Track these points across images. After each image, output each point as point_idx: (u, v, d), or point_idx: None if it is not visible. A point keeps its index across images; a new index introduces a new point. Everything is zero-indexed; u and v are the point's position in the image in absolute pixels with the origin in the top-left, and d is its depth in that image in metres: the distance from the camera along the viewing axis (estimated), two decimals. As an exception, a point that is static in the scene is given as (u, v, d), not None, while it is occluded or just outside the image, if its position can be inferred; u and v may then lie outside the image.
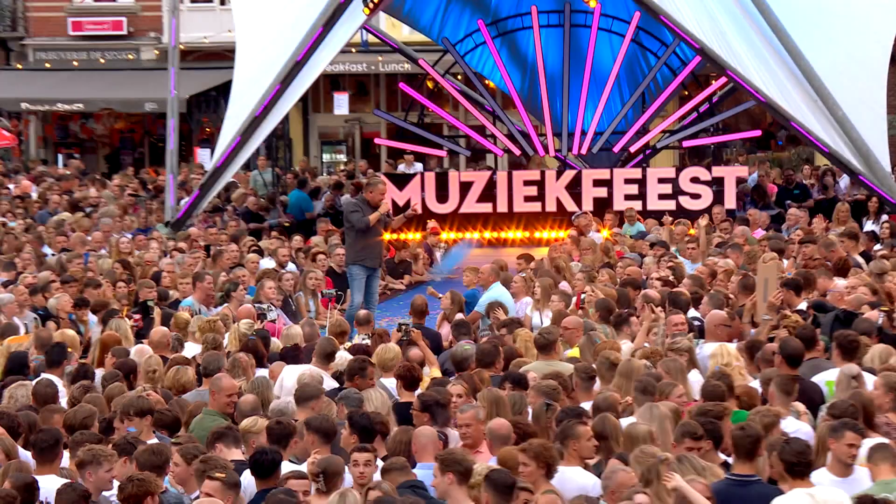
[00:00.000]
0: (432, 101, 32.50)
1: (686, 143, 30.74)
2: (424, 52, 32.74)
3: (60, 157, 45.15)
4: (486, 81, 32.96)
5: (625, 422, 11.54)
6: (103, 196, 31.54)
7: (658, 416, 11.34)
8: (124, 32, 44.36)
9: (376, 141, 37.48)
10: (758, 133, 32.90)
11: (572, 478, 10.64)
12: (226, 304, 18.84)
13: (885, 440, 10.66)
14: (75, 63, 44.96)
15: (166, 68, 31.89)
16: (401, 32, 35.44)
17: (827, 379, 13.03)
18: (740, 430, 10.21)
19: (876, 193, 26.30)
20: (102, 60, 44.70)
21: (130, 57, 44.12)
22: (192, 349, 15.83)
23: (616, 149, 29.61)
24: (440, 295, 19.73)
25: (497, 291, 18.87)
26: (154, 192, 32.82)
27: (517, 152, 30.83)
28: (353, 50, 38.14)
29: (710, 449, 10.79)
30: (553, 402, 12.12)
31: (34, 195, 32.86)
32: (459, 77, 32.18)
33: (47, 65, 45.42)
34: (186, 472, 10.51)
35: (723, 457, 10.98)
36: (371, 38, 34.87)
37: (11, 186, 34.80)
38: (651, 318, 15.65)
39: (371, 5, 25.26)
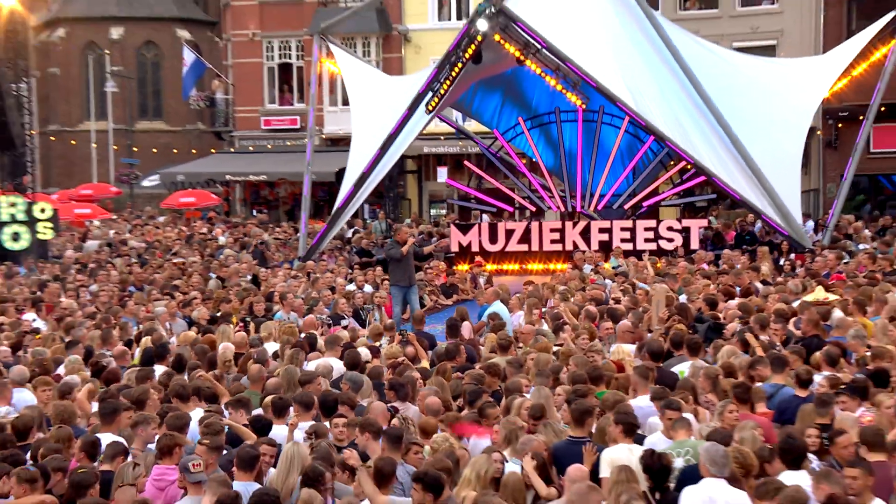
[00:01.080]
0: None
1: (665, 203, 30.45)
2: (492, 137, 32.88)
3: (254, 212, 46.14)
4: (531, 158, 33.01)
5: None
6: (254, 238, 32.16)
7: (544, 395, 11.36)
8: (297, 126, 45.12)
9: (448, 200, 37.69)
10: (713, 196, 32.35)
11: (487, 444, 10.58)
12: (310, 315, 19.05)
13: (688, 416, 10.58)
14: (251, 148, 46.18)
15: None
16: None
17: (680, 369, 12.98)
18: (574, 405, 10.20)
19: (781, 234, 26.02)
20: (270, 146, 45.70)
21: (291, 144, 44.92)
22: (270, 347, 15.86)
23: (615, 206, 29.48)
24: None
25: (495, 308, 18.77)
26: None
27: (545, 209, 30.91)
28: (442, 137, 38.64)
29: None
30: (478, 385, 12.24)
31: (221, 239, 33.61)
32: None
33: (231, 149, 46.84)
34: (202, 431, 10.71)
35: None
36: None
37: (213, 232, 35.75)
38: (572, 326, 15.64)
39: (430, 106, 25.55)
